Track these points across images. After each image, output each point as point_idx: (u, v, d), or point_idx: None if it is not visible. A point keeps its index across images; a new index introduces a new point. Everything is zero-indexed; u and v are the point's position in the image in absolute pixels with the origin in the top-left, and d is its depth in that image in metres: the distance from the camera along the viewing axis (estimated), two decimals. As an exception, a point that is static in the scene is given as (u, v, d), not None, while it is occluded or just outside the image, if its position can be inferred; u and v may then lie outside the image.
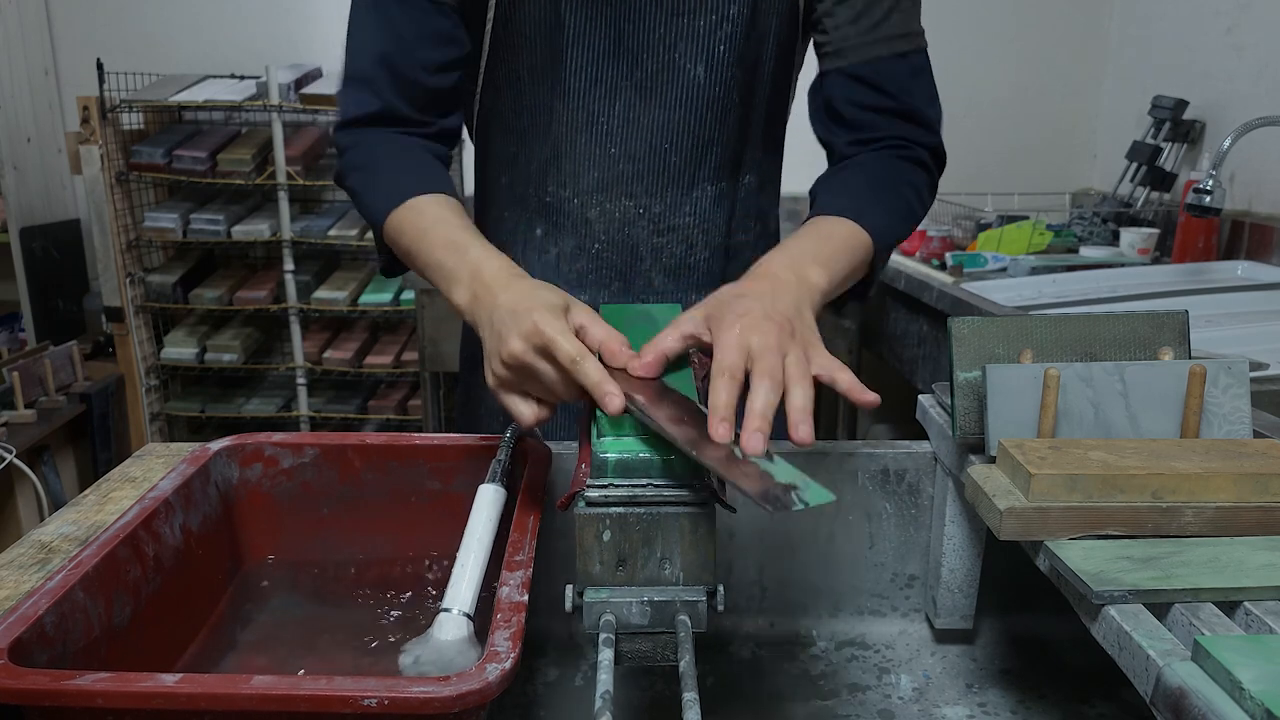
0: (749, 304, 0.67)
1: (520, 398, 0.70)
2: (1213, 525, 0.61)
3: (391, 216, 0.86)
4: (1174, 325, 0.73)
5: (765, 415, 0.59)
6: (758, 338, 0.63)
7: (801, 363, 0.63)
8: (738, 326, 0.64)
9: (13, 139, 2.85)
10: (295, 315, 2.92)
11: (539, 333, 0.65)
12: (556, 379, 0.66)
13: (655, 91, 0.95)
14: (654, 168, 0.98)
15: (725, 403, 0.59)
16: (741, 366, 0.62)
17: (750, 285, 0.72)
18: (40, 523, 0.84)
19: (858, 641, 0.91)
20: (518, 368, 0.67)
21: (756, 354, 0.62)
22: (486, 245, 0.79)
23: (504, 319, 0.69)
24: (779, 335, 0.64)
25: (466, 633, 0.65)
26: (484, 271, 0.75)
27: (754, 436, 0.57)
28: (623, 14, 0.91)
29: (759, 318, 0.65)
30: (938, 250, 2.36)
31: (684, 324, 0.67)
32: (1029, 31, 2.86)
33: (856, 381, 0.65)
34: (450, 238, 0.80)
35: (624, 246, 1.01)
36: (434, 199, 0.85)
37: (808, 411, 0.61)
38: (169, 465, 0.93)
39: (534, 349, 0.66)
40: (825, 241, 0.82)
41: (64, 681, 0.50)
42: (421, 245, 0.82)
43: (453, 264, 0.78)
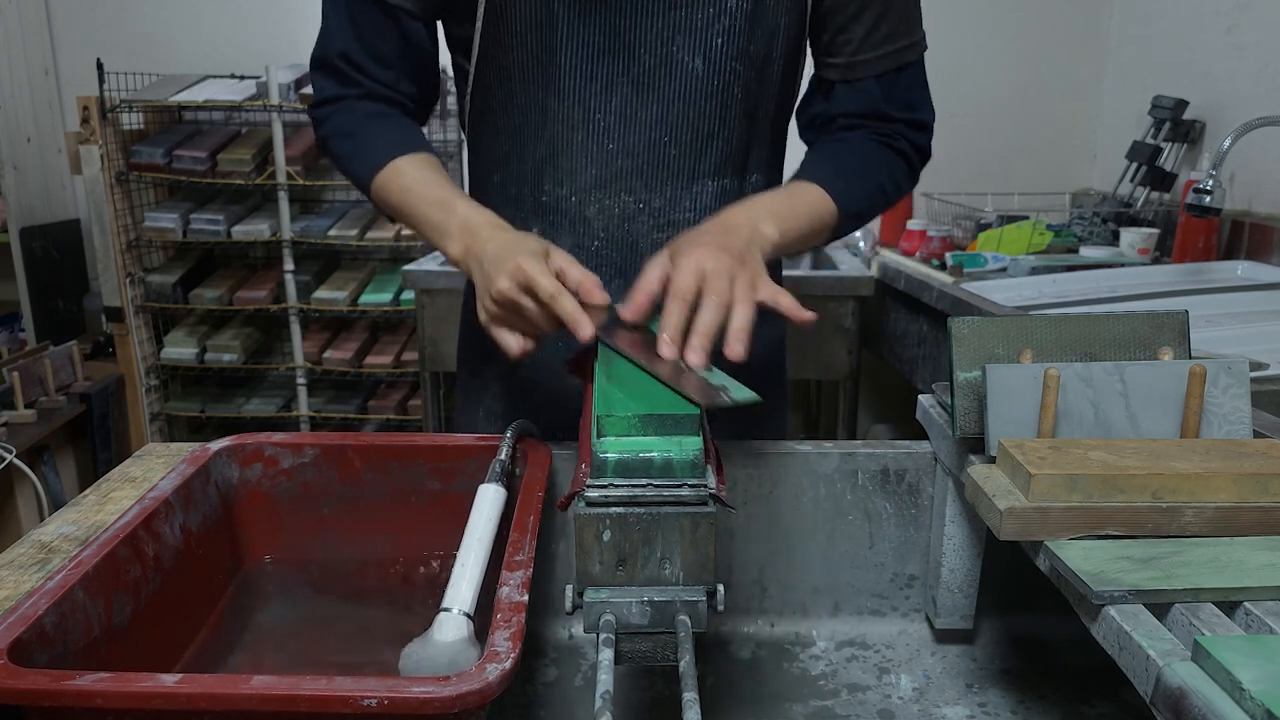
0: (704, 238, 0.78)
1: (508, 331, 0.79)
2: (1213, 525, 0.61)
3: (377, 179, 0.94)
4: (1174, 325, 0.73)
5: (705, 332, 0.70)
6: (710, 263, 0.73)
7: (746, 288, 0.73)
8: (693, 255, 0.74)
9: (13, 139, 2.85)
10: (295, 315, 2.92)
11: (522, 272, 0.75)
12: (538, 313, 0.76)
13: (652, 86, 0.94)
14: (653, 162, 0.97)
15: (674, 324, 0.70)
16: (693, 289, 0.72)
17: (707, 226, 0.83)
18: (40, 523, 0.84)
19: (858, 641, 0.91)
20: (505, 304, 0.77)
21: (707, 277, 0.72)
22: (470, 201, 0.89)
23: (493, 262, 0.79)
24: (730, 264, 0.74)
25: (466, 633, 0.65)
26: (472, 224, 0.86)
27: (694, 350, 0.69)
28: (616, 9, 0.91)
29: (713, 249, 0.75)
30: (938, 250, 2.36)
31: (656, 266, 0.77)
32: (1029, 31, 2.86)
33: (795, 303, 0.75)
34: (436, 196, 0.90)
35: (624, 243, 1.01)
36: (413, 159, 0.94)
37: (745, 331, 0.71)
38: (169, 465, 0.93)
39: (518, 286, 0.76)
40: (787, 200, 0.91)
41: (64, 681, 0.50)
42: (408, 203, 0.92)
43: (441, 219, 0.88)
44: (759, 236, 0.83)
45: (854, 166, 0.97)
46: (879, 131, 0.99)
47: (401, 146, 0.95)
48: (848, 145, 0.99)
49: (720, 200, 1.01)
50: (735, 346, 0.70)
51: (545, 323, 0.76)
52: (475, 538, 0.70)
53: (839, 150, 0.99)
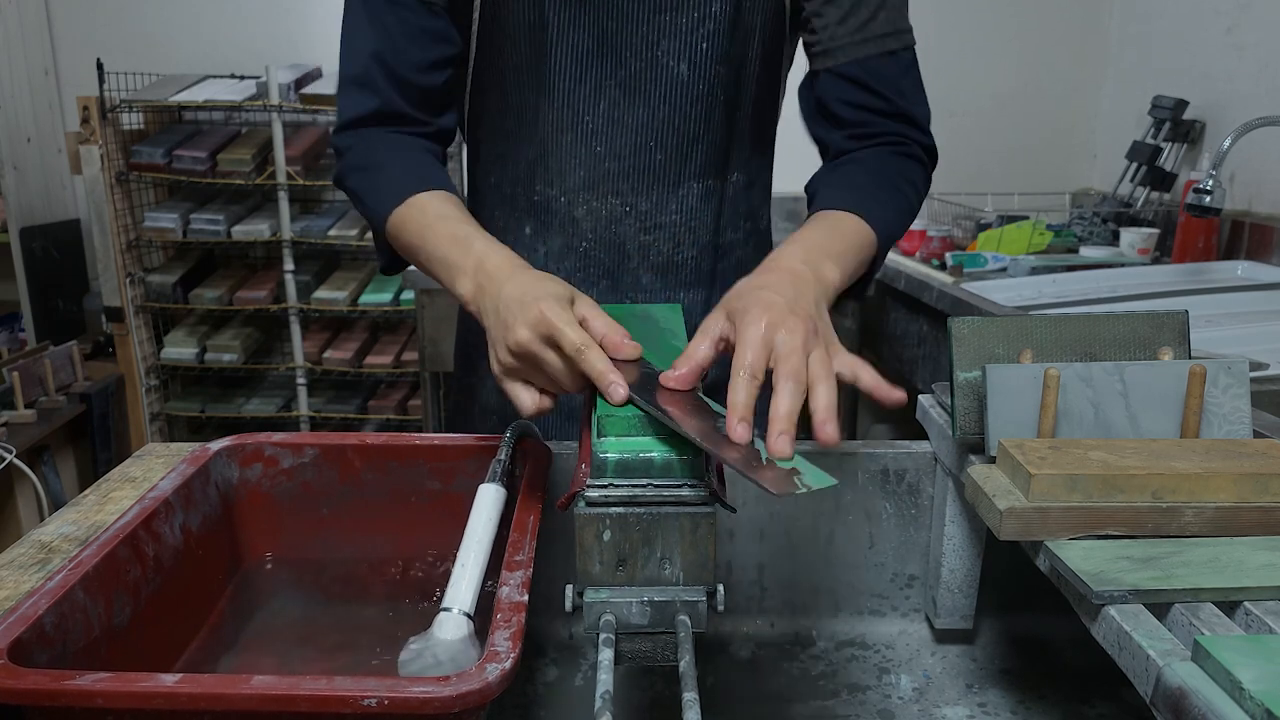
0: (771, 297, 0.66)
1: (523, 386, 0.71)
2: (1213, 525, 0.61)
3: (394, 215, 0.86)
4: (1174, 325, 0.73)
5: (791, 418, 0.59)
6: (783, 335, 0.63)
7: (825, 362, 0.63)
8: (763, 322, 0.63)
9: (13, 139, 2.85)
10: (295, 315, 2.92)
11: (545, 321, 0.66)
12: (561, 368, 0.67)
13: (639, 90, 0.95)
14: (639, 166, 0.98)
15: (744, 403, 0.59)
16: (764, 365, 0.62)
17: (769, 279, 0.71)
18: (40, 523, 0.84)
19: (858, 641, 0.91)
20: (523, 356, 0.68)
21: (782, 353, 0.62)
22: (489, 238, 0.80)
23: (510, 308, 0.69)
24: (804, 333, 0.63)
25: (466, 632, 0.65)
26: (488, 262, 0.76)
27: (780, 439, 0.57)
28: (606, 12, 0.91)
29: (784, 312, 0.64)
30: (938, 250, 2.36)
31: (711, 328, 0.67)
32: (1029, 31, 2.86)
33: (880, 379, 0.65)
34: (453, 232, 0.81)
35: (611, 245, 1.01)
36: (435, 195, 0.86)
37: (833, 411, 0.60)
38: (169, 465, 0.93)
39: (540, 338, 0.67)
40: (836, 236, 0.82)
41: (64, 681, 0.50)
42: (424, 240, 0.83)
43: (456, 257, 0.79)
44: (825, 286, 0.74)
45: (878, 185, 0.91)
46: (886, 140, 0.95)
47: (423, 182, 0.87)
48: (865, 165, 0.93)
49: (704, 202, 1.01)
50: (829, 429, 0.60)
51: (568, 380, 0.67)
52: (475, 538, 0.70)
53: (858, 171, 0.93)
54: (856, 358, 0.66)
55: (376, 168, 0.90)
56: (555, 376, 0.68)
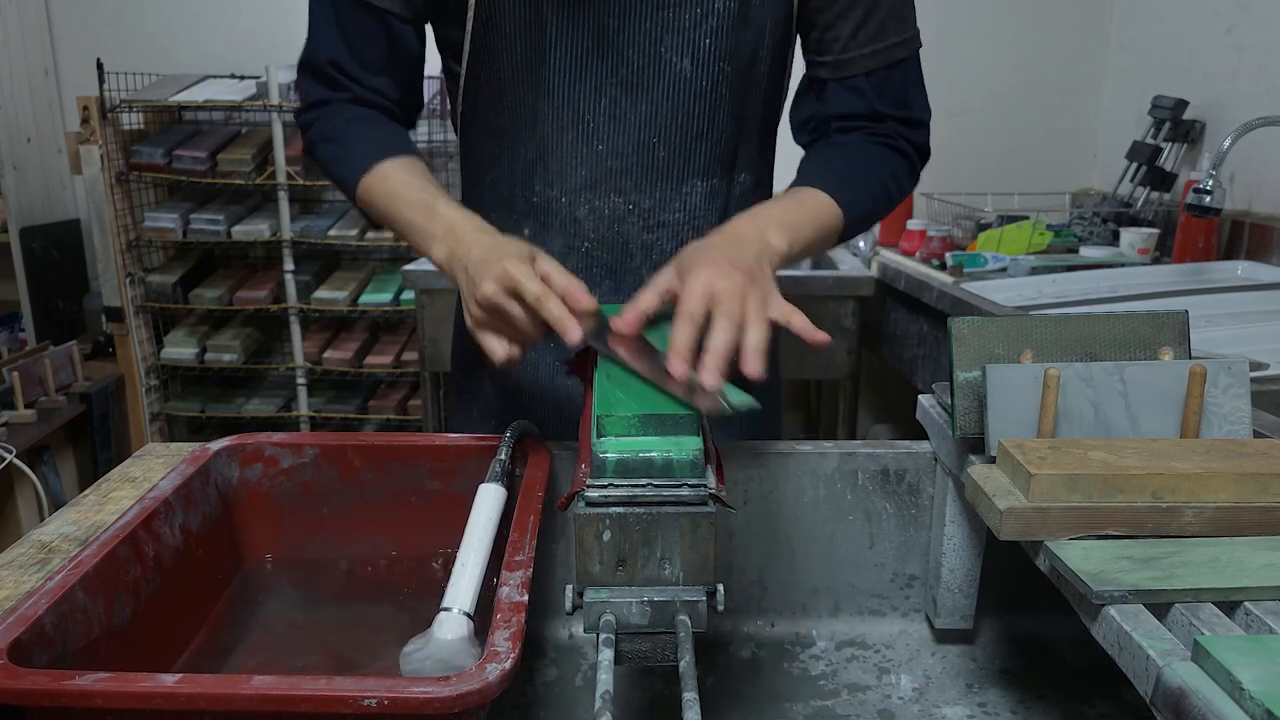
0: (714, 254, 0.74)
1: (493, 336, 0.78)
2: (1213, 525, 0.61)
3: (361, 184, 0.93)
4: (1174, 325, 0.73)
5: (719, 352, 0.67)
6: (722, 282, 0.70)
7: (759, 306, 0.70)
8: (704, 273, 0.71)
9: (13, 139, 2.85)
10: (295, 315, 2.92)
11: (508, 276, 0.74)
12: (524, 317, 0.74)
13: (641, 87, 0.94)
14: (642, 163, 0.97)
15: (684, 343, 0.67)
16: (703, 310, 0.69)
17: (715, 239, 0.79)
18: (40, 523, 0.84)
19: (858, 641, 0.91)
20: (490, 308, 0.76)
21: (719, 297, 0.69)
22: (453, 203, 0.88)
23: (477, 266, 0.77)
24: (741, 280, 0.71)
25: (466, 632, 0.65)
26: (456, 227, 0.84)
27: (710, 371, 0.65)
28: (605, 10, 0.91)
29: (724, 265, 0.72)
30: (938, 250, 2.36)
31: (660, 281, 0.75)
32: (1029, 31, 2.86)
33: (809, 323, 0.72)
34: (419, 199, 0.88)
35: (614, 244, 1.01)
36: (398, 163, 0.93)
37: (761, 350, 0.68)
38: (169, 465, 0.93)
39: (504, 290, 0.74)
40: (794, 209, 0.88)
41: (64, 681, 0.50)
42: (392, 208, 0.91)
43: (424, 222, 0.87)
44: (768, 248, 0.80)
45: (855, 169, 0.95)
46: (876, 131, 0.97)
47: (386, 151, 0.94)
48: (847, 147, 0.97)
49: (709, 200, 1.01)
50: (754, 365, 0.67)
51: (531, 328, 0.75)
52: (475, 537, 0.70)
53: (839, 153, 0.97)
54: (790, 305, 0.73)
55: (341, 138, 0.97)
56: (520, 325, 0.75)
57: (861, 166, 0.95)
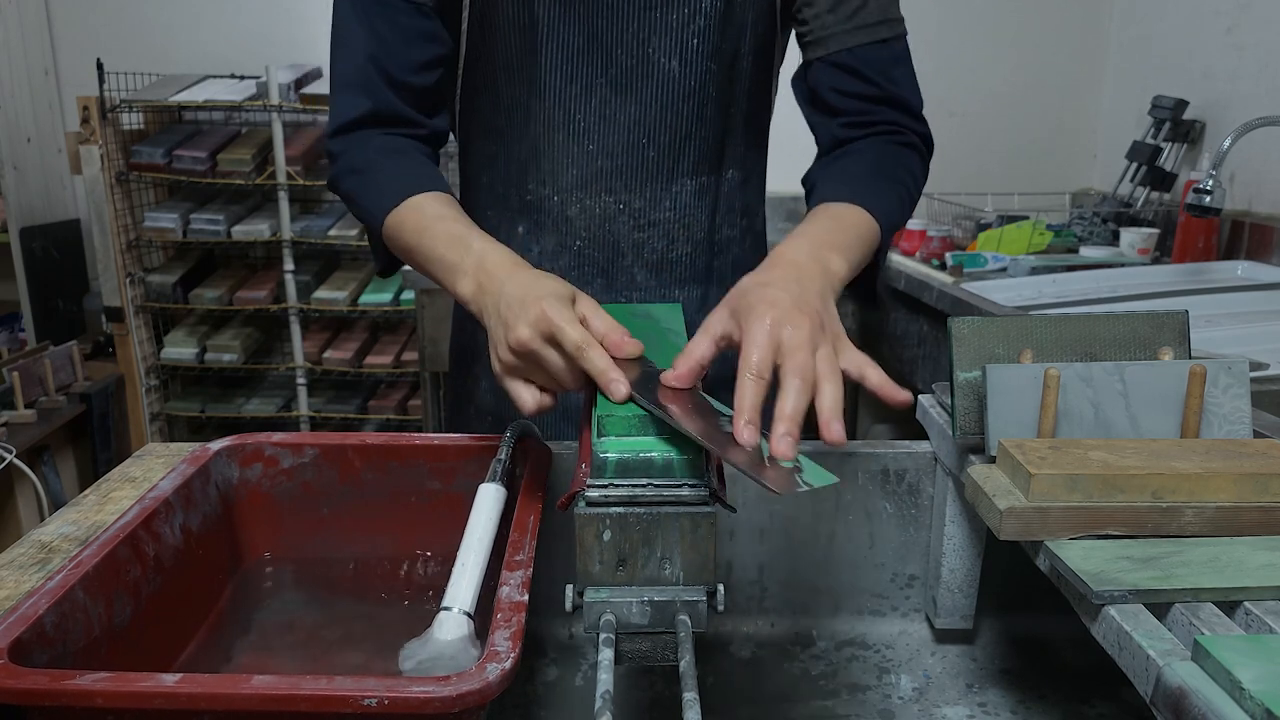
0: (776, 294, 0.65)
1: (524, 384, 0.71)
2: (1213, 525, 0.61)
3: (390, 216, 0.86)
4: (1174, 325, 0.73)
5: (795, 419, 0.58)
6: (789, 331, 0.62)
7: (831, 359, 0.62)
8: (768, 319, 0.62)
9: (13, 139, 2.85)
10: (295, 315, 2.92)
11: (546, 320, 0.66)
12: (562, 367, 0.67)
13: (630, 87, 0.95)
14: (632, 163, 0.98)
15: (752, 405, 0.59)
16: (770, 365, 0.61)
17: (774, 274, 0.70)
18: (40, 523, 0.84)
19: (858, 641, 0.91)
20: (525, 354, 0.68)
21: (787, 350, 0.61)
22: (487, 237, 0.80)
23: (511, 306, 0.69)
24: (810, 329, 0.62)
25: (467, 631, 0.65)
26: (488, 261, 0.76)
27: (783, 440, 0.57)
28: (596, 10, 0.91)
29: (789, 309, 0.63)
30: (938, 250, 2.36)
31: (713, 326, 0.67)
32: (1029, 31, 2.86)
33: (886, 379, 0.64)
34: (451, 232, 0.81)
35: (605, 243, 1.01)
36: (431, 197, 0.86)
37: (838, 410, 0.59)
38: (169, 465, 0.93)
39: (541, 336, 0.67)
40: (839, 228, 0.81)
41: (64, 681, 0.50)
42: (422, 241, 0.83)
43: (456, 257, 0.79)
44: (831, 278, 0.73)
45: (877, 176, 0.91)
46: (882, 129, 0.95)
47: (418, 184, 0.87)
48: (862, 155, 0.93)
49: (698, 198, 1.01)
50: (834, 428, 0.58)
51: (570, 378, 0.67)
52: (475, 537, 0.70)
53: (857, 162, 0.93)
54: (864, 355, 0.65)
55: (372, 170, 0.90)
56: (556, 375, 0.68)
57: (882, 171, 0.92)
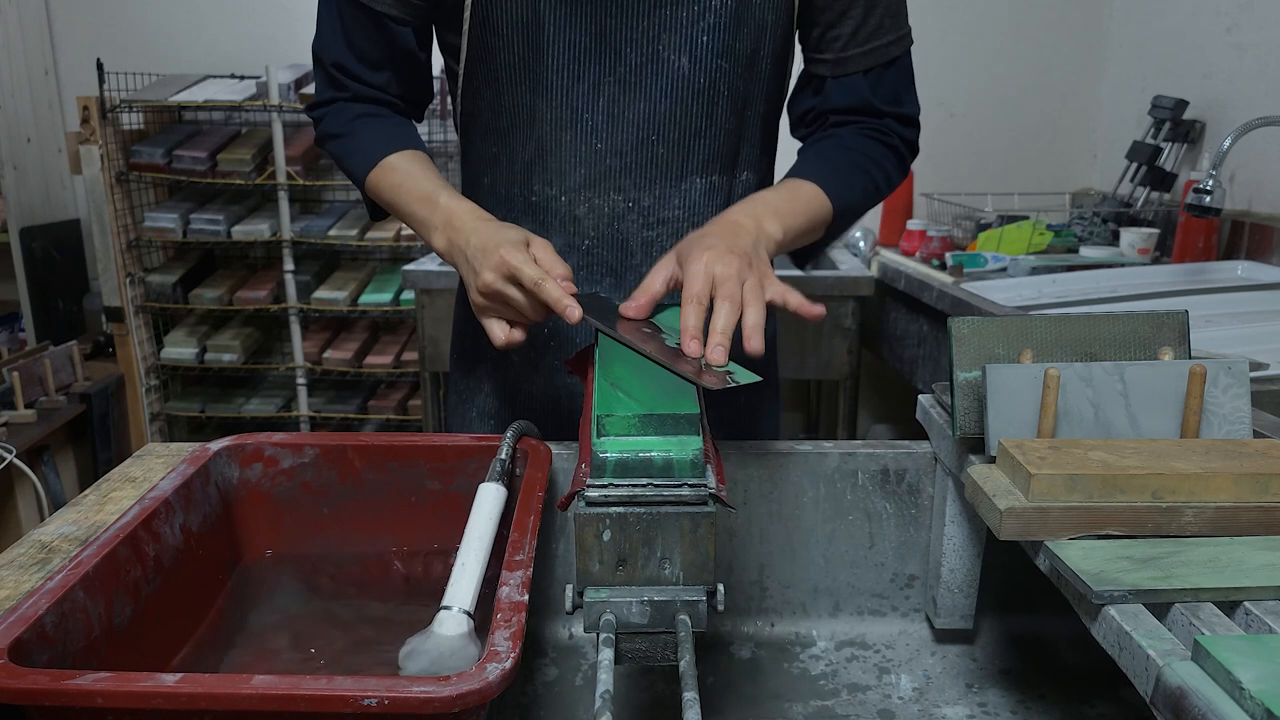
0: (712, 240, 0.78)
1: (496, 321, 0.82)
2: (1213, 525, 0.61)
3: (369, 177, 0.97)
4: (1174, 325, 0.73)
5: (725, 332, 0.71)
6: (720, 267, 0.74)
7: (756, 289, 0.74)
8: (704, 258, 0.75)
9: (13, 139, 2.85)
10: (295, 315, 2.92)
11: (505, 263, 0.79)
12: (524, 301, 0.79)
13: (639, 85, 0.95)
14: (641, 161, 0.98)
15: (695, 324, 0.72)
16: (707, 293, 0.73)
17: (713, 228, 0.83)
18: (40, 523, 0.84)
19: (858, 641, 0.91)
20: (491, 295, 0.81)
21: (719, 281, 0.74)
22: (453, 193, 0.91)
23: (476, 255, 0.82)
24: (739, 265, 0.75)
25: (466, 630, 0.65)
26: (454, 217, 0.88)
27: (716, 350, 0.70)
28: (603, 9, 0.91)
29: (722, 251, 0.76)
30: (938, 250, 2.36)
31: (661, 268, 0.79)
32: (1029, 31, 2.86)
33: (804, 299, 0.77)
34: (421, 189, 0.92)
35: (614, 242, 1.01)
36: (402, 156, 0.97)
37: (759, 327, 0.72)
38: (169, 465, 0.93)
39: (503, 277, 0.79)
40: (787, 198, 0.91)
41: (64, 681, 0.50)
42: (397, 199, 0.95)
43: (426, 214, 0.91)
44: (764, 235, 0.83)
45: (846, 162, 0.97)
46: (870, 126, 1.00)
47: (392, 144, 0.98)
48: (840, 141, 0.99)
49: (709, 198, 1.01)
50: (754, 342, 0.71)
51: (532, 310, 0.80)
52: (475, 536, 0.70)
53: (832, 146, 0.99)
54: (785, 285, 0.77)
55: (349, 134, 1.00)
56: (521, 309, 0.80)
57: (852, 159, 0.98)
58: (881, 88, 0.98)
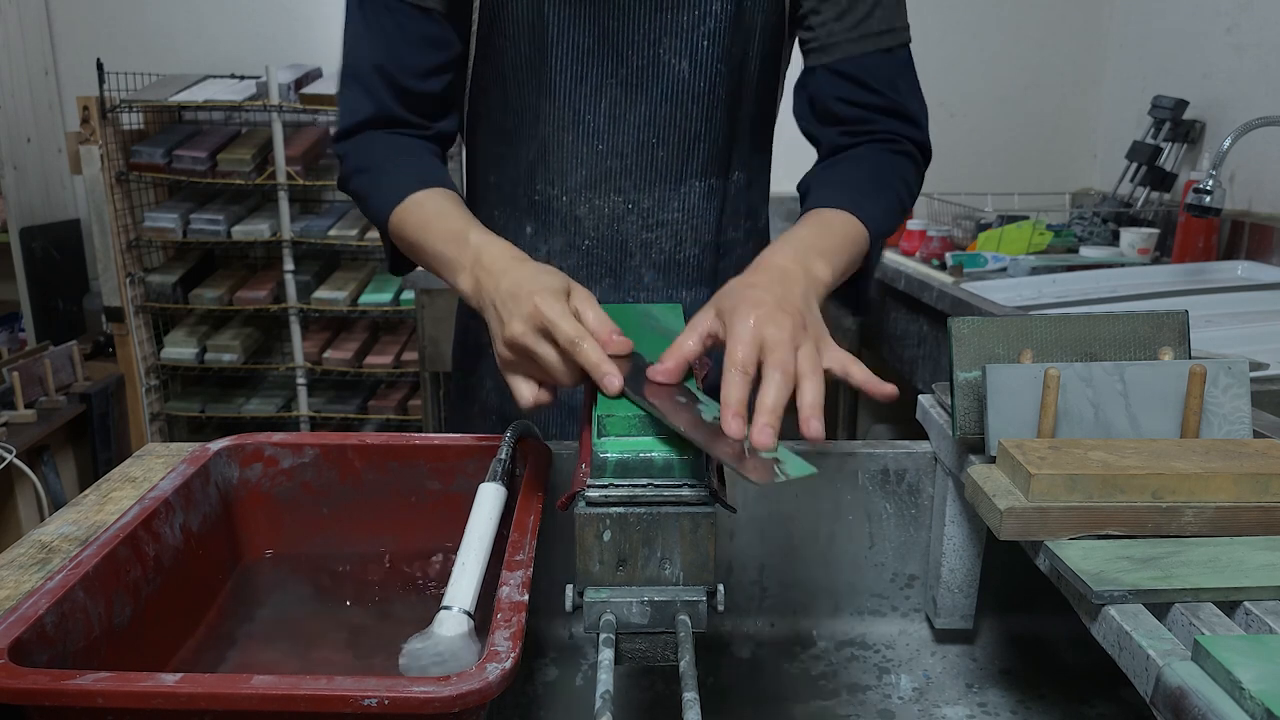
0: (760, 295, 0.67)
1: (522, 379, 0.71)
2: (1213, 525, 0.61)
3: (394, 214, 0.87)
4: (1174, 325, 0.73)
5: (776, 410, 0.59)
6: (772, 329, 0.63)
7: (813, 357, 0.64)
8: (751, 318, 0.64)
9: (13, 139, 2.85)
10: (295, 315, 2.92)
11: (539, 315, 0.67)
12: (557, 361, 0.67)
13: (640, 88, 0.95)
14: (641, 163, 0.98)
15: (738, 399, 0.60)
16: (754, 361, 0.62)
17: (759, 277, 0.72)
18: (40, 523, 0.84)
19: (858, 641, 0.91)
20: (519, 349, 0.69)
21: (769, 347, 0.62)
22: (486, 231, 0.81)
23: (506, 302, 0.70)
24: (792, 328, 0.64)
25: (466, 629, 0.65)
26: (484, 257, 0.76)
27: (764, 431, 0.58)
28: (606, 11, 0.92)
29: (772, 309, 0.65)
30: (938, 250, 2.36)
31: (699, 324, 0.68)
32: (1029, 31, 2.86)
33: (870, 375, 0.65)
34: (450, 228, 0.82)
35: (613, 243, 1.01)
36: (433, 193, 0.87)
37: (818, 407, 0.61)
38: (169, 465, 0.93)
39: (534, 330, 0.68)
40: (827, 234, 0.82)
41: (64, 681, 0.50)
42: (424, 238, 0.84)
43: (454, 253, 0.79)
44: (813, 282, 0.74)
45: (871, 182, 0.91)
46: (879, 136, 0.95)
47: (421, 181, 0.88)
48: (858, 161, 0.94)
49: (707, 200, 1.01)
50: (813, 425, 0.60)
51: (564, 372, 0.68)
52: (475, 536, 0.70)
53: (851, 168, 0.93)
54: (847, 353, 0.66)
55: (377, 169, 0.91)
56: (551, 369, 0.68)
57: (876, 178, 0.92)
58: (877, 73, 0.94)
